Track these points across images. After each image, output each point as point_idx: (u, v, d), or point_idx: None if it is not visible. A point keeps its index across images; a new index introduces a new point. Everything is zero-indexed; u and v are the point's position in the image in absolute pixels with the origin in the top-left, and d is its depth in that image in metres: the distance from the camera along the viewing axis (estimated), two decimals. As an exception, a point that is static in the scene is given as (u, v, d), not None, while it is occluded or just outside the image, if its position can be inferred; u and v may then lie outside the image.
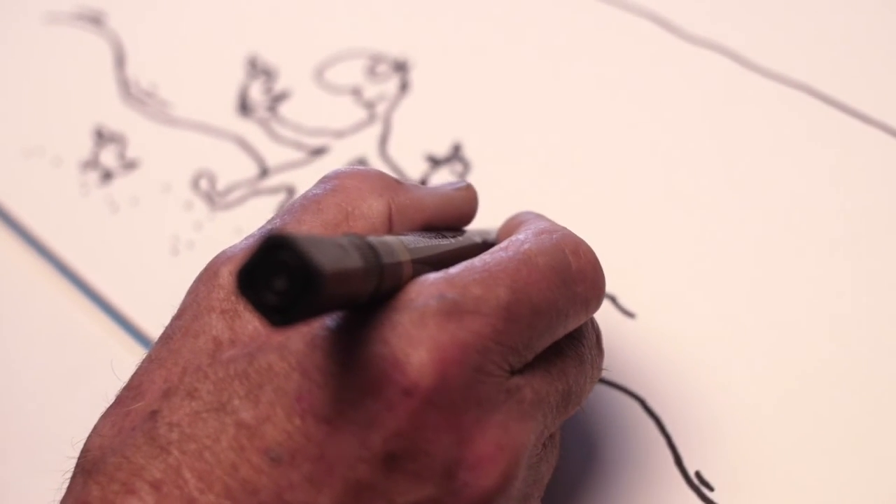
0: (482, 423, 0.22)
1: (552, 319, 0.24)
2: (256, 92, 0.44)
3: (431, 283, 0.23)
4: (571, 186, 0.37)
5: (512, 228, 0.28)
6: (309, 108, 0.42)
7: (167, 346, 0.24)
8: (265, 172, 0.41)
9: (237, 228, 0.39)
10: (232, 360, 0.22)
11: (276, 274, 0.18)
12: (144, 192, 0.42)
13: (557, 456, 0.27)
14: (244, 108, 0.43)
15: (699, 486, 0.29)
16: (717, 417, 0.30)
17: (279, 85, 0.44)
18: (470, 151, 0.39)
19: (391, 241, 0.23)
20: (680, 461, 0.30)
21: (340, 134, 0.41)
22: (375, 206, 0.26)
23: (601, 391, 0.32)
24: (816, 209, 0.34)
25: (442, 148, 0.40)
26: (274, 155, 0.41)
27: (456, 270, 0.23)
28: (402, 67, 0.43)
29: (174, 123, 0.44)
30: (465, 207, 0.30)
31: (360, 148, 0.40)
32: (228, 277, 0.24)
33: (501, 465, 0.22)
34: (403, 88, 0.42)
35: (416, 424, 0.21)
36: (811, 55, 0.38)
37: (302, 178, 0.40)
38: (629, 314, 0.33)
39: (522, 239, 0.25)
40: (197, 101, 0.44)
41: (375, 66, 0.43)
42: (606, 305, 0.33)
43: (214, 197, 0.41)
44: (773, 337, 0.32)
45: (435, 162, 0.39)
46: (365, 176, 0.27)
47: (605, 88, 0.39)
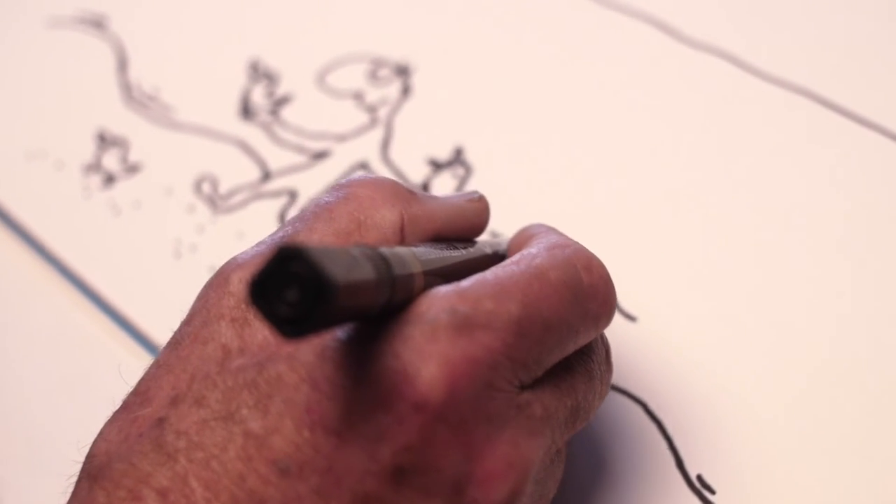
0: (492, 438, 0.22)
1: (563, 335, 0.24)
2: (258, 96, 0.44)
3: (443, 296, 0.22)
4: (573, 190, 0.37)
5: (523, 241, 0.28)
6: (311, 111, 0.43)
7: (176, 352, 0.24)
8: (267, 176, 0.41)
9: (239, 232, 0.39)
10: (241, 368, 0.22)
11: (288, 285, 0.18)
12: (147, 195, 0.42)
13: (563, 470, 0.27)
14: (246, 111, 0.43)
15: (701, 489, 0.29)
16: (718, 421, 0.30)
17: (281, 89, 0.44)
18: (471, 155, 0.39)
19: (403, 252, 0.22)
20: (681, 464, 0.30)
21: (342, 138, 0.41)
22: (388, 216, 0.26)
23: (603, 394, 0.32)
24: (817, 212, 0.34)
25: (444, 152, 0.40)
26: (276, 158, 0.41)
27: (468, 284, 0.23)
28: (403, 71, 0.43)
29: (176, 127, 0.44)
30: (476, 219, 0.29)
31: (361, 152, 0.41)
32: (239, 285, 0.24)
33: (510, 481, 0.22)
34: (405, 92, 0.42)
35: (425, 439, 0.21)
36: (811, 59, 0.38)
37: (304, 181, 0.40)
38: (630, 318, 0.33)
39: (535, 253, 0.25)
40: (199, 104, 0.44)
41: (377, 70, 0.43)
42: (608, 309, 0.33)
43: (217, 200, 0.41)
44: (774, 340, 0.32)
45: (437, 166, 0.39)
46: (378, 185, 0.27)
47: (606, 92, 0.40)
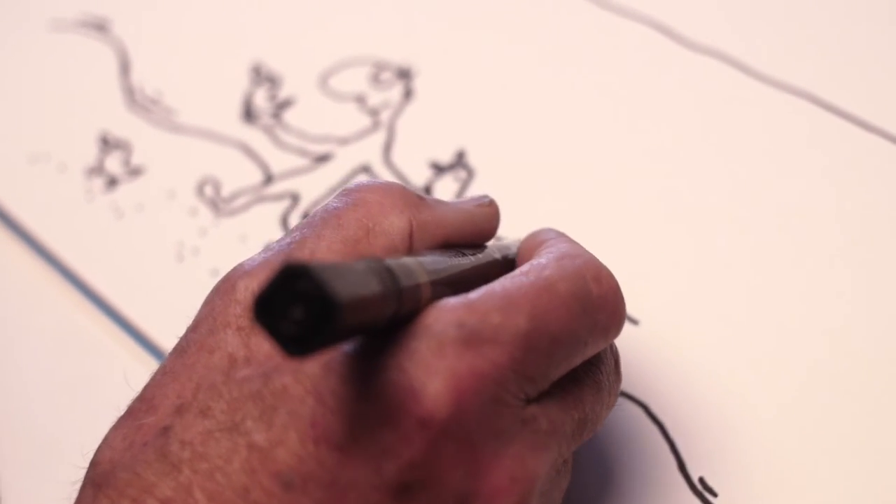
0: (497, 454, 0.22)
1: (571, 348, 0.24)
2: (261, 99, 0.44)
3: (451, 309, 0.22)
4: (575, 193, 0.37)
5: (533, 247, 0.27)
6: (313, 115, 0.43)
7: (181, 359, 0.24)
8: (269, 179, 0.41)
9: (242, 235, 0.39)
10: (247, 379, 0.22)
11: (293, 303, 0.18)
12: (149, 198, 0.42)
13: (569, 479, 0.26)
14: (249, 115, 0.43)
15: (703, 491, 0.29)
16: (720, 423, 0.30)
17: (283, 92, 0.44)
18: (474, 158, 0.39)
19: (410, 262, 0.22)
20: (683, 467, 0.30)
21: (345, 141, 0.41)
22: (396, 222, 0.26)
23: (604, 397, 0.32)
24: (818, 215, 0.34)
25: (446, 155, 0.40)
26: (278, 162, 0.41)
27: (476, 296, 0.23)
28: (405, 75, 0.43)
29: (179, 130, 0.44)
30: (486, 224, 0.29)
31: (364, 155, 0.41)
32: (245, 293, 0.24)
33: (515, 497, 0.22)
34: (407, 96, 0.42)
35: (430, 455, 0.21)
36: (811, 61, 0.38)
37: (306, 184, 0.40)
38: (633, 321, 0.33)
39: (544, 263, 0.24)
40: (201, 108, 0.44)
41: (379, 73, 0.43)
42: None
43: (219, 203, 0.41)
44: (776, 342, 0.32)
45: (439, 169, 0.39)
46: (387, 190, 0.26)
47: (607, 95, 0.40)
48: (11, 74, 0.49)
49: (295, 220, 0.39)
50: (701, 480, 0.30)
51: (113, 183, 0.43)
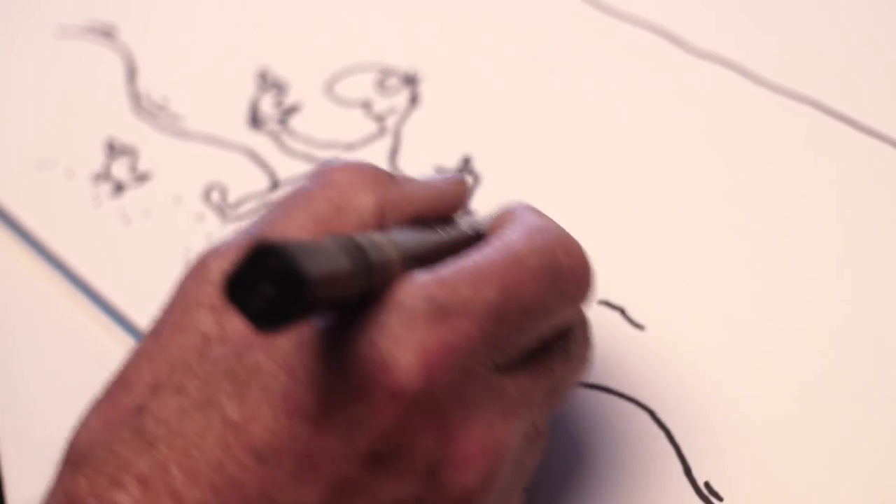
0: (467, 423, 0.23)
1: (540, 318, 0.24)
2: (267, 105, 0.44)
3: (421, 284, 0.23)
4: (580, 198, 0.37)
5: (503, 221, 0.27)
6: (319, 121, 0.43)
7: (156, 340, 0.24)
8: (276, 185, 0.41)
9: (248, 240, 0.39)
10: (220, 357, 0.23)
11: (263, 280, 0.18)
12: (156, 204, 0.42)
13: (543, 449, 0.27)
14: (255, 120, 0.44)
15: (709, 496, 0.30)
16: (726, 428, 0.31)
17: (290, 98, 0.44)
18: (479, 164, 0.39)
19: (380, 239, 0.23)
20: (689, 472, 0.30)
21: (351, 147, 0.42)
22: (366, 200, 0.26)
23: (610, 402, 0.32)
24: (822, 220, 0.34)
25: (452, 161, 0.40)
26: (285, 167, 0.42)
27: (446, 271, 0.23)
28: (411, 81, 0.43)
29: (185, 136, 0.44)
30: (456, 200, 0.29)
31: (370, 160, 0.41)
32: (217, 273, 0.24)
33: (485, 464, 0.23)
34: (413, 102, 0.42)
35: (401, 426, 0.22)
36: (814, 67, 0.38)
37: (312, 190, 0.40)
38: (638, 326, 0.33)
39: (514, 238, 0.25)
40: (208, 113, 0.44)
41: (385, 79, 0.43)
42: (615, 317, 0.33)
43: (226, 209, 0.41)
44: (782, 348, 0.32)
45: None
46: (356, 170, 0.27)
47: (612, 101, 0.40)
48: (18, 81, 0.49)
49: (301, 225, 0.39)
50: (707, 485, 0.30)
51: (120, 189, 0.43)
